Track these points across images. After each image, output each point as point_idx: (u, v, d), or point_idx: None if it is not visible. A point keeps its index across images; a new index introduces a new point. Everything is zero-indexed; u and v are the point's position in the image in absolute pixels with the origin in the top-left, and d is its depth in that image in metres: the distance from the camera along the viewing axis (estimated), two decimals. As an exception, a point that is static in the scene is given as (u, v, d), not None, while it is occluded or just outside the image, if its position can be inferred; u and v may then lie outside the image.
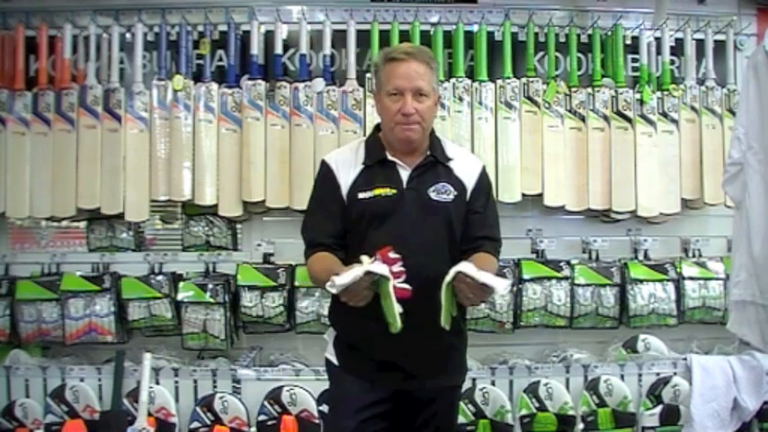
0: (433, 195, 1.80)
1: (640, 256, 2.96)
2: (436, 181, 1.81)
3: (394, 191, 1.79)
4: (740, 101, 2.38)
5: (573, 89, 2.91)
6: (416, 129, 1.77)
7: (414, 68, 1.76)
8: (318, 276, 1.76)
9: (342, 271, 1.57)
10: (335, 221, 1.80)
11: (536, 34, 2.97)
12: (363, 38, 2.90)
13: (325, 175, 1.85)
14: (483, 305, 2.75)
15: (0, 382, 2.63)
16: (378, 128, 1.91)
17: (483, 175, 1.90)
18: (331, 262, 1.74)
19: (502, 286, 1.57)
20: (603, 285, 2.82)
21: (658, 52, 3.02)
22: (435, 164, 1.84)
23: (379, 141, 1.86)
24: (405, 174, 1.81)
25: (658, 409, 2.57)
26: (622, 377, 2.63)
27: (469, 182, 1.86)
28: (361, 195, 1.78)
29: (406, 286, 1.62)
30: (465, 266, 1.57)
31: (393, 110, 1.77)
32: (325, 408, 2.46)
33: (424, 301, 1.63)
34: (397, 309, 1.58)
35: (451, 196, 1.81)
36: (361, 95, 2.82)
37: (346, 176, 1.82)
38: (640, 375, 2.64)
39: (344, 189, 1.81)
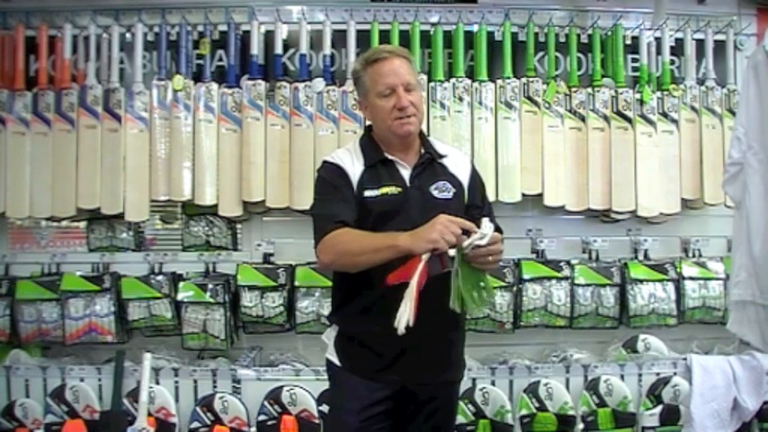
0: (435, 193, 1.82)
1: (640, 256, 2.96)
2: (436, 179, 1.84)
3: (399, 189, 1.80)
4: (740, 101, 2.39)
5: (573, 89, 2.92)
6: (414, 121, 1.80)
7: (398, 64, 1.80)
8: (363, 239, 1.69)
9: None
10: (353, 208, 1.77)
11: (536, 34, 2.97)
12: (363, 38, 2.90)
13: (335, 170, 1.84)
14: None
15: (0, 382, 2.63)
16: (369, 129, 1.92)
17: (474, 171, 1.95)
18: (367, 234, 1.70)
19: (487, 227, 1.57)
20: (603, 285, 2.82)
21: (658, 52, 3.02)
22: (431, 161, 1.87)
23: (374, 142, 1.88)
24: (405, 172, 1.83)
25: (658, 409, 2.57)
26: (622, 377, 2.63)
27: (464, 178, 1.89)
28: (367, 194, 1.79)
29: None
30: (466, 242, 1.56)
31: (388, 108, 1.78)
32: (325, 408, 2.46)
33: (428, 298, 1.63)
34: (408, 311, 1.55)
35: (451, 193, 1.84)
36: (358, 99, 2.81)
37: (353, 174, 1.82)
38: (640, 375, 2.64)
39: (354, 185, 1.81)
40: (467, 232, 1.57)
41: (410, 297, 1.54)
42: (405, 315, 1.54)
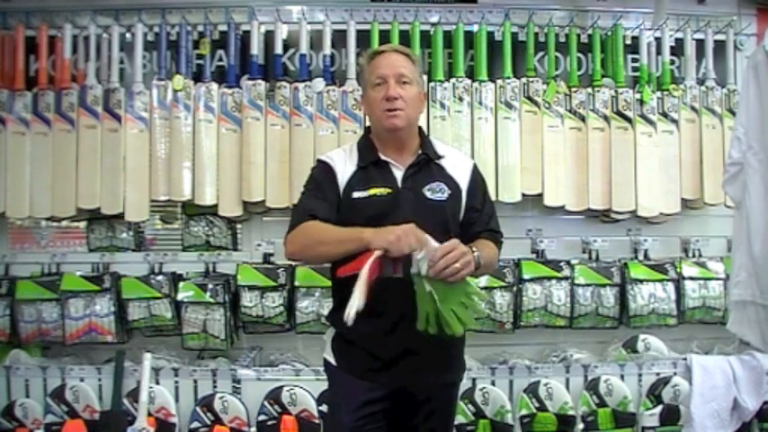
0: (428, 194, 1.80)
1: (640, 256, 2.96)
2: (431, 180, 1.82)
3: (389, 190, 1.79)
4: (740, 101, 2.39)
5: (573, 89, 2.91)
6: (401, 115, 1.78)
7: (395, 57, 1.82)
8: (327, 231, 1.71)
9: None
10: (332, 208, 1.78)
11: (536, 34, 2.97)
12: (363, 38, 2.90)
13: (323, 169, 1.85)
14: (483, 305, 2.75)
15: (0, 382, 2.63)
16: (368, 130, 1.93)
17: (476, 173, 1.92)
18: (335, 227, 1.71)
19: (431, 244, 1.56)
20: (603, 285, 2.82)
21: (658, 52, 3.02)
22: (428, 162, 1.85)
23: (371, 142, 1.88)
24: (399, 173, 1.82)
25: (658, 409, 2.57)
26: (622, 377, 2.63)
27: (463, 180, 1.87)
28: (356, 195, 1.78)
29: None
30: (420, 257, 1.55)
31: (378, 98, 1.79)
32: (325, 408, 2.46)
33: None
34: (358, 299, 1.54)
35: (446, 195, 1.82)
36: (361, 95, 2.82)
37: (342, 174, 1.82)
38: (640, 375, 2.64)
39: (341, 186, 1.81)
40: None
41: (360, 284, 1.53)
42: (355, 302, 1.52)
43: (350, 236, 1.64)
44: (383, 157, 1.83)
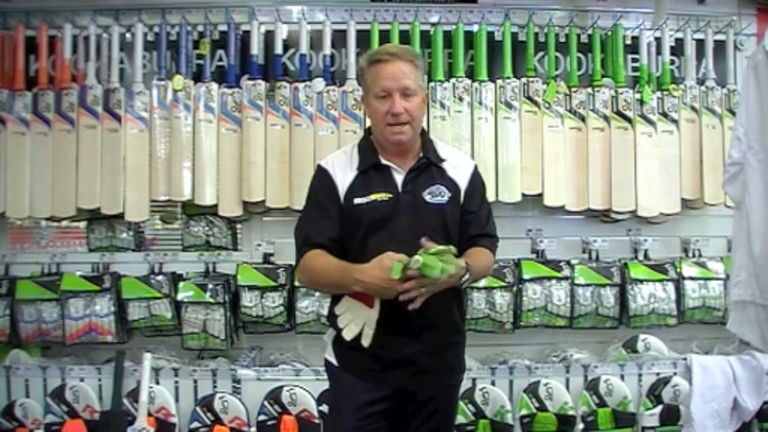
0: (428, 198, 1.80)
1: (640, 256, 2.97)
2: (431, 183, 1.82)
3: (390, 195, 1.79)
4: (740, 101, 2.39)
5: (573, 89, 2.92)
6: (407, 130, 1.78)
7: (399, 68, 1.76)
8: (325, 273, 1.75)
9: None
10: (334, 225, 1.79)
11: (536, 34, 2.97)
12: (363, 38, 2.90)
13: (323, 179, 1.85)
14: (483, 305, 2.76)
15: (0, 382, 2.63)
16: (369, 131, 1.92)
17: (475, 175, 1.91)
18: (335, 260, 1.73)
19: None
20: (603, 285, 2.83)
21: (658, 52, 3.02)
22: (429, 165, 1.84)
23: (372, 145, 1.87)
24: (399, 177, 1.81)
25: (658, 409, 2.57)
26: (622, 377, 2.63)
27: (462, 182, 1.86)
28: (357, 201, 1.78)
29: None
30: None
31: (382, 111, 1.77)
32: (325, 408, 2.46)
33: (426, 305, 1.64)
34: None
35: (446, 198, 1.81)
36: (361, 95, 2.81)
37: (343, 181, 1.82)
38: (640, 375, 2.64)
39: (341, 193, 1.81)
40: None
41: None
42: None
43: (344, 285, 1.71)
44: (384, 161, 1.82)
